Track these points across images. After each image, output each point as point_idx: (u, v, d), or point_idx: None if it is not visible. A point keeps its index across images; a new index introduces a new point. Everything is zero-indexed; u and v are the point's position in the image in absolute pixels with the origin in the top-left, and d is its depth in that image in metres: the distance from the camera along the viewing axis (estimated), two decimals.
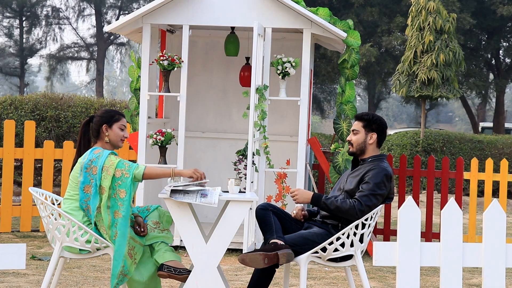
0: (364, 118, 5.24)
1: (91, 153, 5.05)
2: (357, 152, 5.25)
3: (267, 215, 5.15)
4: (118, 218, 4.93)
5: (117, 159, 5.00)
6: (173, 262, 5.00)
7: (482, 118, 34.68)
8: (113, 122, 5.17)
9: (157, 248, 5.07)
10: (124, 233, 4.92)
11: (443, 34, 14.61)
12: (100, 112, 5.24)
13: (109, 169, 4.96)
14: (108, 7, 35.33)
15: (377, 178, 5.06)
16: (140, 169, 4.97)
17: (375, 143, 5.23)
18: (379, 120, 5.24)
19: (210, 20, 7.98)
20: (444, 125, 53.60)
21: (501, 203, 9.00)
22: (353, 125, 5.30)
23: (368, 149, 5.22)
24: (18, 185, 11.31)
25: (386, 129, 5.26)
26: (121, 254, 4.89)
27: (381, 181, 5.06)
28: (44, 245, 8.15)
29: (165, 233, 5.15)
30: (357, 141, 5.23)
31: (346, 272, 5.35)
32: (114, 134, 5.16)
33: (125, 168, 4.96)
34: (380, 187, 5.05)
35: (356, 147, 5.23)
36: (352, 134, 5.26)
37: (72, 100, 12.27)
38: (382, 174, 5.08)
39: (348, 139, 5.29)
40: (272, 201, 8.42)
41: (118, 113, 5.22)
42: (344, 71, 8.21)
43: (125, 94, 64.09)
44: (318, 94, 31.93)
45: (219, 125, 9.45)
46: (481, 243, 3.66)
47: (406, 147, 15.57)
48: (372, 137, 5.22)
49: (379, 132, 5.23)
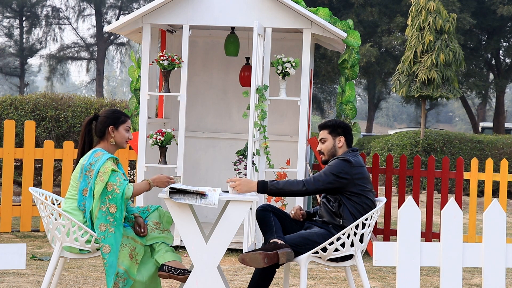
0: (328, 125, 5.38)
1: (91, 156, 5.05)
2: (330, 159, 5.36)
3: (267, 216, 5.17)
4: (110, 233, 4.93)
5: (111, 167, 4.96)
6: (173, 262, 5.00)
7: (482, 118, 34.70)
8: (120, 123, 5.17)
9: (158, 248, 5.07)
10: (115, 249, 4.90)
11: (443, 34, 14.61)
12: (105, 112, 5.21)
13: (102, 175, 4.95)
14: (108, 7, 35.34)
15: (333, 162, 5.20)
16: (130, 189, 4.96)
17: (344, 145, 5.35)
18: (342, 123, 5.39)
19: (210, 20, 7.98)
20: (444, 125, 53.62)
21: (501, 203, 9.00)
22: (319, 135, 5.42)
23: (339, 152, 5.35)
24: (18, 185, 11.31)
25: (351, 130, 5.41)
26: (113, 270, 4.88)
27: (338, 164, 5.16)
28: (44, 245, 8.16)
29: (165, 233, 5.15)
30: (327, 148, 5.35)
31: (346, 272, 5.35)
32: (120, 135, 5.16)
33: (117, 184, 4.94)
34: (336, 169, 5.14)
35: (327, 154, 5.36)
36: (320, 144, 5.38)
37: (72, 100, 12.27)
38: (340, 159, 5.20)
39: (318, 149, 5.41)
40: (272, 201, 8.43)
41: (123, 114, 5.22)
42: (344, 71, 8.21)
43: (125, 94, 64.11)
44: (318, 94, 31.94)
45: (219, 125, 9.45)
46: (481, 243, 3.66)
47: (406, 147, 15.57)
48: (340, 140, 5.34)
49: (345, 134, 5.36)
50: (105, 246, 4.89)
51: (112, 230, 4.91)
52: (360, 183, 5.17)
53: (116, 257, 4.89)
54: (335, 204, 5.19)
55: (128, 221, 5.16)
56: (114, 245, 4.90)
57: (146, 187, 5.08)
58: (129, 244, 4.98)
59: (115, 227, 4.92)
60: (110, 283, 4.86)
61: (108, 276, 4.86)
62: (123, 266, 4.91)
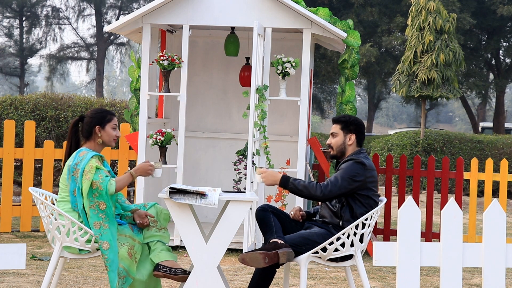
0: (341, 121, 5.32)
1: (76, 156, 5.04)
2: (338, 154, 5.32)
3: (267, 216, 5.16)
4: (105, 229, 4.93)
5: (95, 164, 4.96)
6: (168, 262, 4.99)
7: (482, 118, 34.69)
8: (106, 122, 5.16)
9: (153, 247, 5.07)
10: (113, 245, 4.90)
11: (443, 34, 14.61)
12: (90, 112, 5.20)
13: (88, 173, 4.95)
14: (108, 7, 35.34)
15: (348, 165, 5.15)
16: (112, 184, 4.94)
17: (354, 144, 5.30)
18: (356, 121, 5.32)
19: (210, 20, 7.98)
20: (444, 125, 53.63)
21: (501, 203, 9.00)
22: (331, 128, 5.37)
23: (348, 150, 5.30)
24: (18, 185, 11.31)
25: (364, 129, 5.34)
26: (115, 265, 4.88)
27: (353, 167, 5.12)
28: (44, 245, 8.15)
29: (162, 232, 5.14)
30: (336, 144, 5.30)
31: (346, 272, 5.35)
32: (107, 134, 5.16)
33: (99, 181, 4.94)
34: (351, 172, 5.10)
35: (336, 149, 5.31)
36: (331, 137, 5.34)
37: (72, 100, 12.28)
38: (353, 162, 5.16)
39: (327, 142, 5.37)
40: (272, 201, 8.43)
41: (109, 112, 5.20)
42: (344, 71, 8.21)
43: (125, 94, 64.11)
44: (318, 94, 31.94)
45: (219, 125, 9.45)
46: (481, 243, 3.66)
47: (406, 147, 15.57)
48: (351, 138, 5.28)
49: (357, 132, 5.30)
50: (104, 243, 4.89)
51: (106, 226, 4.92)
52: (371, 186, 5.17)
53: (116, 252, 4.89)
54: (338, 204, 5.18)
55: (125, 218, 5.16)
56: (112, 240, 4.90)
57: (129, 179, 5.06)
58: (127, 243, 4.97)
59: (109, 223, 4.93)
60: (114, 279, 4.84)
61: (112, 272, 4.85)
62: (122, 264, 4.90)
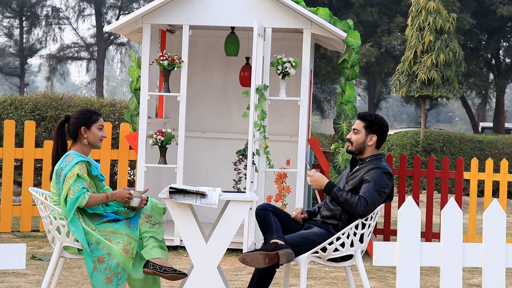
0: (366, 119, 5.22)
1: (63, 160, 5.03)
2: (356, 152, 5.24)
3: (267, 216, 5.15)
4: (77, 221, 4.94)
5: (77, 172, 4.94)
6: (159, 260, 4.94)
7: (482, 118, 34.67)
8: (91, 123, 5.13)
9: (146, 243, 5.01)
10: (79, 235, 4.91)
11: (443, 34, 14.61)
12: (76, 113, 5.17)
13: (69, 180, 4.94)
14: (108, 7, 35.32)
15: (379, 176, 5.07)
16: (86, 198, 4.92)
17: (374, 145, 5.22)
18: (381, 123, 5.21)
19: (210, 20, 7.98)
20: (444, 125, 53.60)
21: (501, 203, 9.00)
22: (354, 123, 5.27)
23: (367, 150, 5.22)
24: (18, 185, 11.30)
25: (386, 132, 5.24)
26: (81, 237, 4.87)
27: (383, 179, 5.07)
28: (44, 245, 8.15)
29: (156, 227, 5.08)
30: (356, 141, 5.21)
31: (346, 272, 5.35)
32: (93, 135, 5.14)
33: (74, 189, 4.91)
34: (382, 185, 5.06)
35: (355, 146, 5.22)
36: (352, 133, 5.25)
37: (72, 100, 12.28)
38: (382, 172, 5.09)
39: (348, 137, 5.28)
40: (272, 201, 8.43)
41: (95, 113, 5.17)
42: (344, 71, 8.21)
43: (125, 94, 64.09)
44: (318, 94, 31.93)
45: (219, 125, 9.46)
46: (481, 243, 3.65)
47: (406, 147, 15.57)
48: (372, 139, 5.20)
49: (379, 134, 5.21)
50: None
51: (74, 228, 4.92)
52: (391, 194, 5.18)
53: (76, 224, 4.87)
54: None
55: (120, 214, 5.14)
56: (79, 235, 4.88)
57: (103, 200, 5.03)
58: (122, 241, 4.93)
59: (71, 224, 4.91)
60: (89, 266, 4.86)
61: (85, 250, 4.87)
62: (116, 260, 4.86)
